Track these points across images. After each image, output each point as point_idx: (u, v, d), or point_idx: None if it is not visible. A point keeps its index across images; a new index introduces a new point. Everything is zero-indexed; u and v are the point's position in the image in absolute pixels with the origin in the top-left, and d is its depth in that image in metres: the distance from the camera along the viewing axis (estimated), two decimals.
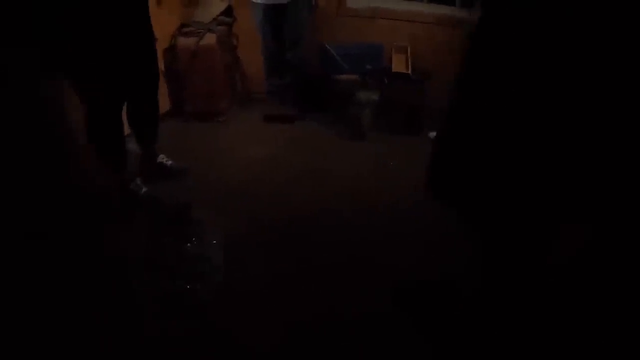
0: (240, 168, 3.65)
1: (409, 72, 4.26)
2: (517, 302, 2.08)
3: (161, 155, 3.48)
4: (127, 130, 3.14)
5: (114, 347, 2.07)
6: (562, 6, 1.53)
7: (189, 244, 2.40)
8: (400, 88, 4.20)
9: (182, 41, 4.14)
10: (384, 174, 3.65)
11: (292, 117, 4.42)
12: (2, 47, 2.13)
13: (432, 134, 3.68)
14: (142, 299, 2.27)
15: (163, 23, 3.85)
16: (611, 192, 1.74)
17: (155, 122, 3.35)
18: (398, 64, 4.31)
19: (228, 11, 4.39)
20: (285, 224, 3.03)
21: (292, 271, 2.60)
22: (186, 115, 4.36)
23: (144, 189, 3.21)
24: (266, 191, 3.39)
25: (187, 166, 3.52)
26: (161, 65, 3.89)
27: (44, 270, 2.10)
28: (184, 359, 2.11)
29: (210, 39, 4.18)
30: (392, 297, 2.39)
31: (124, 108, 3.05)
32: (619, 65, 1.51)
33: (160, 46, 3.74)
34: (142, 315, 2.24)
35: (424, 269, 2.61)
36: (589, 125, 1.59)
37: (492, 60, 1.71)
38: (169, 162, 3.49)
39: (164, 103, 3.90)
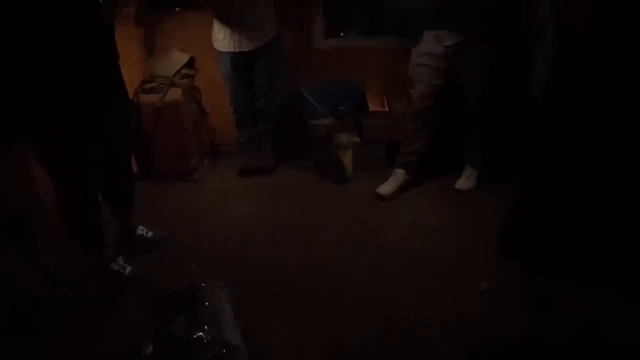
0: (227, 229, 3.38)
1: (386, 109, 4.10)
2: None
3: (140, 227, 3.17)
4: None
5: None
6: None
7: (201, 332, 2.08)
8: (379, 126, 4.03)
9: (145, 98, 3.84)
10: (378, 214, 3.51)
11: (270, 168, 4.16)
12: None
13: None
14: None
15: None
16: None
17: (131, 191, 3.04)
18: (374, 103, 4.16)
19: (190, 63, 4.12)
20: (292, 286, 2.76)
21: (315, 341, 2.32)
22: (156, 177, 4.03)
23: (128, 269, 2.87)
24: (260, 252, 3.12)
25: (168, 235, 3.21)
26: None
27: None
28: None
29: (175, 93, 3.89)
30: None
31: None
32: None
33: None
34: None
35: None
36: None
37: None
38: (150, 234, 3.17)
39: None
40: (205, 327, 2.11)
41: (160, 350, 2.04)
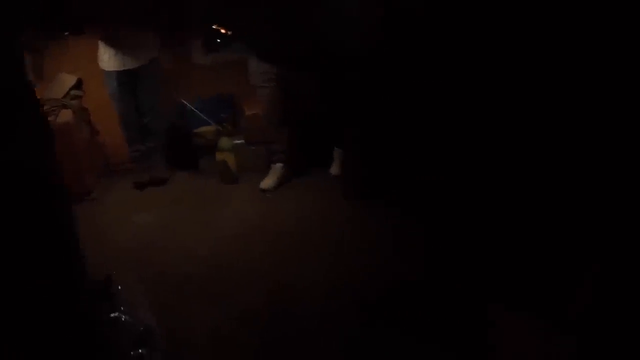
0: (131, 236, 3.58)
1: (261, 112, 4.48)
2: None
3: None
4: None
5: None
6: None
7: (121, 314, 2.31)
8: (257, 129, 4.39)
9: None
10: (264, 204, 3.89)
11: (164, 178, 4.39)
12: None
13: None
14: None
15: None
16: None
17: None
18: (250, 108, 4.54)
19: (78, 84, 4.28)
20: (198, 273, 3.05)
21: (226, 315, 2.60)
22: None
23: None
24: (165, 250, 3.37)
25: None
26: None
27: None
28: None
29: (66, 115, 4.06)
30: None
31: None
32: None
33: None
34: None
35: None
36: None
37: None
38: None
39: None
40: (122, 308, 2.34)
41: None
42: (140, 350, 2.24)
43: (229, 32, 4.48)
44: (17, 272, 1.89)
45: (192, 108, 4.46)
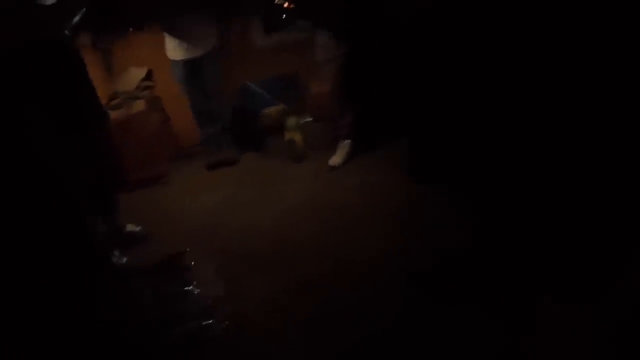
0: (201, 215, 3.81)
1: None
2: None
3: (128, 225, 3.57)
4: None
5: None
6: None
7: (192, 287, 2.56)
8: (325, 106, 4.47)
9: (114, 114, 4.25)
10: (331, 180, 4.00)
11: (234, 159, 4.61)
12: None
13: None
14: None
15: None
16: None
17: (114, 192, 3.46)
18: (315, 86, 4.65)
19: (148, 75, 4.56)
20: (263, 245, 3.22)
21: (287, 288, 2.79)
22: (130, 185, 4.39)
23: (124, 259, 3.29)
24: (233, 224, 3.57)
25: (150, 231, 3.60)
26: None
27: None
28: None
29: (139, 105, 4.34)
30: None
31: None
32: None
33: None
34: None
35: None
36: None
37: None
38: (138, 228, 3.58)
39: None
40: (194, 282, 2.58)
41: (159, 303, 2.51)
42: (210, 321, 2.48)
43: (292, 6, 4.65)
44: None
45: (258, 90, 4.64)
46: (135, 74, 4.51)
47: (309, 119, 4.44)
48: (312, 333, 2.41)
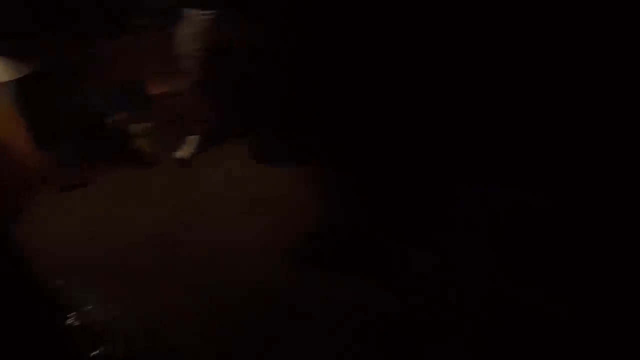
0: (70, 240, 3.63)
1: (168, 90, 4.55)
2: None
3: None
4: None
5: None
6: None
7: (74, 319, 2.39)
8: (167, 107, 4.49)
9: None
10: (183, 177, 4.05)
11: (84, 178, 4.37)
12: None
13: None
14: None
15: None
16: None
17: None
18: (157, 88, 4.59)
19: None
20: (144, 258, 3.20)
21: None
22: None
23: None
24: (106, 242, 3.48)
25: None
26: None
27: None
28: None
29: None
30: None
31: None
32: None
33: None
34: None
35: None
36: None
37: None
38: None
39: None
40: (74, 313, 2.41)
41: None
42: (100, 349, 2.32)
43: None
44: None
45: (100, 100, 4.42)
46: None
47: (152, 123, 4.33)
48: (204, 327, 2.51)
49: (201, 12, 3.74)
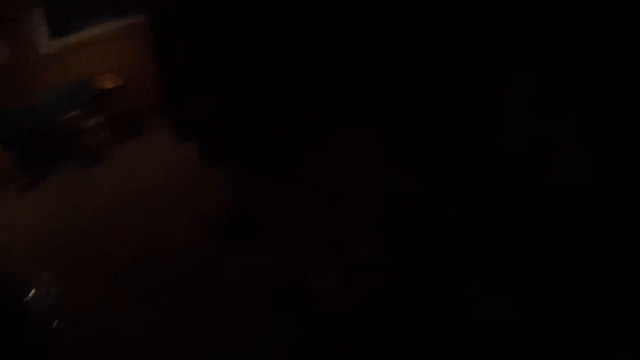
0: (29, 233, 3.71)
1: (122, 83, 4.71)
2: None
3: None
4: None
5: None
6: None
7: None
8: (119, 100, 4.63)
9: None
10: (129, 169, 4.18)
11: (43, 175, 4.51)
12: None
13: None
14: None
15: None
16: None
17: None
18: (108, 82, 4.71)
19: None
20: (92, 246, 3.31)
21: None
22: None
23: None
24: (56, 233, 3.59)
25: None
26: None
27: None
28: None
29: None
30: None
31: None
32: None
33: None
34: None
35: None
36: None
37: None
38: None
39: None
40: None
41: None
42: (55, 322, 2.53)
43: None
44: None
45: (47, 102, 4.48)
46: None
47: (102, 119, 4.45)
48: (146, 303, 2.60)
49: None
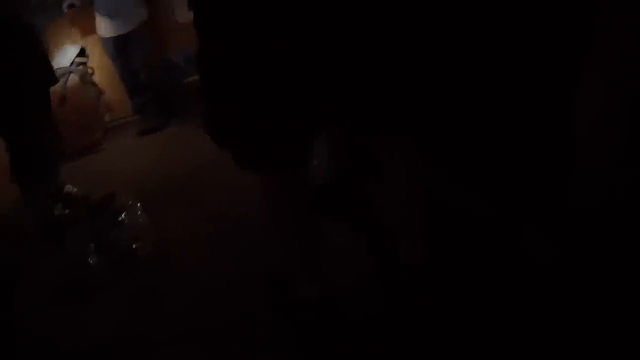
0: (132, 171, 4.34)
1: None
2: None
3: (67, 186, 3.96)
4: None
5: None
6: None
7: (123, 218, 3.10)
8: None
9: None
10: None
11: (161, 125, 5.15)
12: None
13: None
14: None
15: None
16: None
17: (56, 158, 3.86)
18: None
19: (81, 52, 5.00)
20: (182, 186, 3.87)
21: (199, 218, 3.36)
22: (66, 155, 4.68)
23: (67, 211, 3.72)
24: (159, 173, 4.14)
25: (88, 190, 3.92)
26: None
27: None
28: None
29: (74, 79, 4.78)
30: None
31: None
32: None
33: None
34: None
35: None
36: None
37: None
38: (75, 190, 3.99)
39: None
40: (123, 215, 3.12)
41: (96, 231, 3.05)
42: (137, 244, 3.02)
43: None
44: None
45: (178, 62, 5.11)
46: (70, 50, 4.96)
47: None
48: (217, 247, 3.00)
49: None
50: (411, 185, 2.06)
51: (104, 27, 4.72)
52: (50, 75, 3.54)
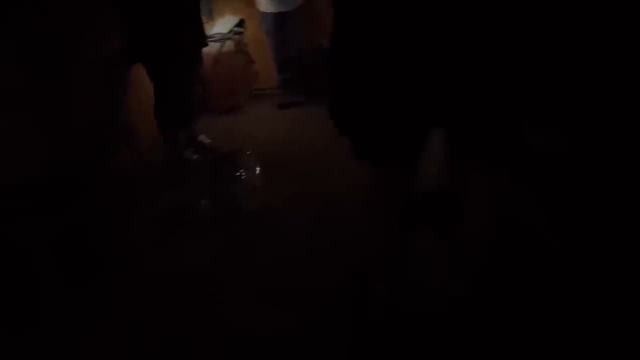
0: (262, 135, 4.73)
1: None
2: None
3: (201, 136, 4.42)
4: None
5: None
6: None
7: (241, 173, 3.45)
8: None
9: (206, 49, 5.09)
10: None
11: (301, 102, 5.45)
12: None
13: None
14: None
15: None
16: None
17: (195, 108, 4.31)
18: None
19: (240, 23, 5.44)
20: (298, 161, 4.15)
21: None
22: (212, 111, 5.31)
23: (195, 156, 4.17)
24: (284, 145, 4.49)
25: (220, 144, 4.40)
26: None
27: None
28: None
29: (229, 46, 5.22)
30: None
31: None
32: None
33: None
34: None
35: None
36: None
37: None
38: (208, 140, 4.42)
39: None
40: (242, 170, 3.49)
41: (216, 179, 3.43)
42: (247, 200, 3.38)
43: None
44: None
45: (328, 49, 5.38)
46: (230, 20, 5.40)
47: None
48: (316, 223, 3.27)
49: None
50: (492, 205, 2.15)
51: (265, 3, 5.07)
52: (201, 38, 3.97)
